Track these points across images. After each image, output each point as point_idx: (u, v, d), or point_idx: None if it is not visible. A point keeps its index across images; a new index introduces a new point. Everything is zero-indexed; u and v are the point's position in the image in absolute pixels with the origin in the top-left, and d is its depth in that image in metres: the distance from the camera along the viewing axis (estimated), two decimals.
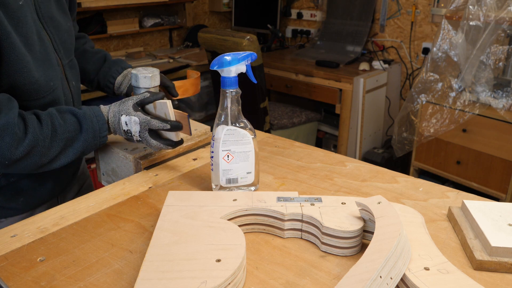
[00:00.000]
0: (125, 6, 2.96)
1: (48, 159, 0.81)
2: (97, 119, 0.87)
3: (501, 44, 2.13)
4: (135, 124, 0.87)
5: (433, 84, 2.34)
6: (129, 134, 0.89)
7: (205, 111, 3.26)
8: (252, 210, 0.73)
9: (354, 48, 3.10)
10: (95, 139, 0.86)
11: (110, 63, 1.11)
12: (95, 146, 0.88)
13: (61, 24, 0.94)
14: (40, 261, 0.67)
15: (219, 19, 3.86)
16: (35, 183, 0.93)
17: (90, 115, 0.86)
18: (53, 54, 0.90)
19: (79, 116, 0.85)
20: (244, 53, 0.78)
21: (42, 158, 0.80)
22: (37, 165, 0.81)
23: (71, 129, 0.83)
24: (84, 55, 1.13)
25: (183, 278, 0.55)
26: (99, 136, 0.87)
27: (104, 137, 0.88)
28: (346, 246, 0.67)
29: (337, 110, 2.81)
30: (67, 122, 0.83)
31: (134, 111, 0.87)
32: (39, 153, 0.79)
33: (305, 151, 1.06)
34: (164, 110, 0.89)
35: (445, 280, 0.56)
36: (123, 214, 0.80)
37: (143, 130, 0.87)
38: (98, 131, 0.87)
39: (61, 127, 0.82)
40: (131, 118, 0.87)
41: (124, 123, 0.88)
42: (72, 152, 0.85)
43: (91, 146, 0.87)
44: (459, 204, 0.82)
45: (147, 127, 0.87)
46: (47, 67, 0.87)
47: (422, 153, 2.46)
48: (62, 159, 0.84)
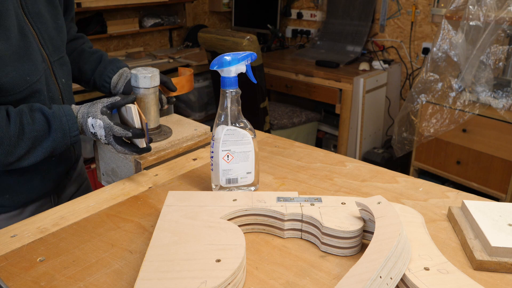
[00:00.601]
0: (125, 6, 2.96)
1: (15, 157, 0.81)
2: (66, 119, 0.86)
3: (501, 44, 2.13)
4: (100, 128, 0.87)
5: (433, 84, 2.34)
6: (96, 137, 0.89)
7: (205, 111, 3.26)
8: (252, 210, 0.73)
9: (354, 48, 3.10)
10: (65, 138, 0.86)
11: (105, 62, 1.11)
12: (66, 146, 0.87)
13: (49, 21, 0.94)
14: (40, 261, 0.67)
15: (219, 19, 3.86)
16: (21, 179, 0.92)
17: (59, 114, 0.85)
18: (36, 50, 0.89)
19: (48, 115, 0.84)
20: (244, 53, 0.78)
21: (8, 156, 0.80)
22: (2, 163, 0.81)
23: (39, 128, 0.83)
24: (82, 55, 1.13)
25: (183, 278, 0.55)
26: (69, 136, 0.86)
27: (75, 136, 0.87)
28: (346, 246, 0.67)
29: (337, 110, 2.81)
30: (36, 121, 0.83)
31: (101, 114, 0.87)
32: (4, 151, 0.79)
33: (305, 151, 1.06)
34: (130, 115, 0.89)
35: (445, 280, 0.56)
36: (123, 214, 0.80)
37: (108, 135, 0.87)
38: (68, 131, 0.86)
39: (28, 126, 0.81)
40: (96, 121, 0.87)
41: (90, 125, 0.87)
42: (41, 151, 0.84)
43: (61, 145, 0.86)
44: (459, 204, 0.82)
45: (111, 133, 0.87)
46: (25, 61, 0.86)
47: (422, 153, 2.46)
48: (31, 158, 0.84)
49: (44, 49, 0.92)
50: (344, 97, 2.74)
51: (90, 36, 2.89)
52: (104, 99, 0.90)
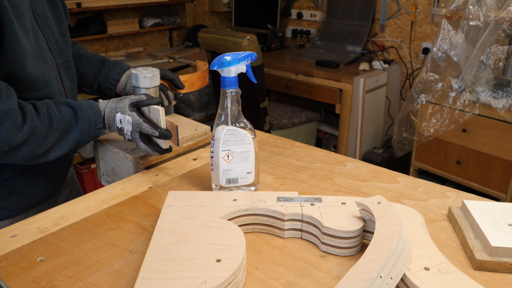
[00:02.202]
0: (125, 6, 2.96)
1: (44, 149, 0.82)
2: (92, 111, 0.87)
3: (501, 44, 2.13)
4: (128, 124, 0.88)
5: (433, 84, 2.34)
6: (122, 132, 0.90)
7: (205, 111, 3.26)
8: (252, 210, 0.73)
9: (354, 48, 3.10)
10: (90, 130, 0.87)
11: (110, 64, 1.11)
12: (90, 138, 0.88)
13: (54, 25, 0.95)
14: (40, 261, 0.67)
15: (219, 19, 3.86)
16: (28, 182, 0.93)
17: (85, 107, 0.87)
18: (47, 52, 0.91)
19: (75, 107, 0.86)
20: (244, 53, 0.78)
21: (38, 147, 0.80)
22: (33, 155, 0.81)
23: (67, 119, 0.84)
24: (80, 59, 1.12)
25: (183, 278, 0.55)
26: (94, 128, 0.87)
27: (99, 129, 0.89)
28: (346, 246, 0.67)
29: (337, 110, 2.81)
30: (63, 113, 0.84)
31: (130, 110, 0.88)
32: (36, 142, 0.79)
33: (305, 151, 1.06)
34: (156, 116, 0.90)
35: (445, 280, 0.56)
36: (123, 214, 0.80)
37: (134, 131, 0.88)
38: (93, 123, 0.87)
39: (56, 117, 0.82)
40: (125, 117, 0.88)
41: (118, 120, 0.89)
42: (68, 143, 0.85)
43: (86, 137, 0.87)
44: (459, 204, 0.82)
45: (138, 129, 0.88)
46: (42, 61, 0.88)
47: (422, 153, 2.46)
48: (58, 150, 0.84)
49: (52, 52, 0.93)
50: (344, 97, 2.74)
51: (90, 36, 2.90)
52: (131, 96, 0.91)
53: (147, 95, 0.91)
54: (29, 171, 0.92)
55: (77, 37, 2.84)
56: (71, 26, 2.88)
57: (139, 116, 0.88)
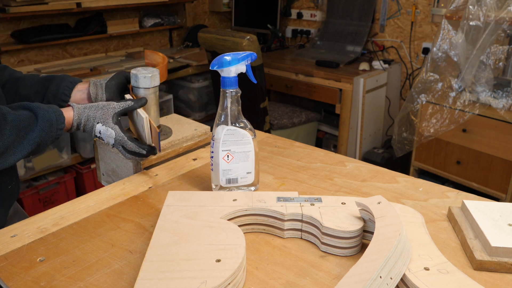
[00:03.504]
0: (125, 6, 2.95)
1: (0, 150, 0.74)
2: (52, 110, 0.81)
3: (501, 44, 2.13)
4: (110, 138, 0.85)
5: (433, 84, 2.34)
6: (101, 140, 0.87)
7: (205, 111, 3.26)
8: (252, 210, 0.73)
9: (354, 48, 3.10)
10: (52, 129, 0.81)
11: (57, 80, 0.98)
12: (51, 139, 0.82)
13: None
14: (40, 261, 0.67)
15: (219, 19, 3.86)
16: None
17: (44, 106, 0.81)
18: None
19: (32, 106, 0.79)
20: (244, 53, 0.78)
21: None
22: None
23: (23, 117, 0.77)
24: (19, 82, 1.00)
25: (183, 278, 0.55)
26: (56, 128, 0.81)
27: (61, 129, 0.83)
28: (346, 246, 0.67)
29: (337, 110, 2.81)
30: (18, 111, 0.77)
31: (113, 123, 0.84)
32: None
33: (305, 151, 1.06)
34: (141, 123, 0.89)
35: (445, 280, 0.56)
36: (123, 214, 0.80)
37: (116, 144, 0.86)
38: (55, 122, 0.81)
39: (10, 115, 0.75)
40: (107, 129, 0.84)
41: (98, 131, 0.85)
42: (28, 144, 0.78)
43: (48, 136, 0.81)
44: (459, 204, 0.82)
45: (121, 145, 0.86)
46: None
47: (422, 153, 2.46)
48: (17, 153, 0.77)
49: None
50: (344, 97, 2.74)
51: (90, 36, 2.89)
52: (115, 103, 0.87)
53: (133, 100, 0.89)
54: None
55: (77, 37, 2.83)
56: (71, 26, 2.88)
57: (122, 131, 0.84)
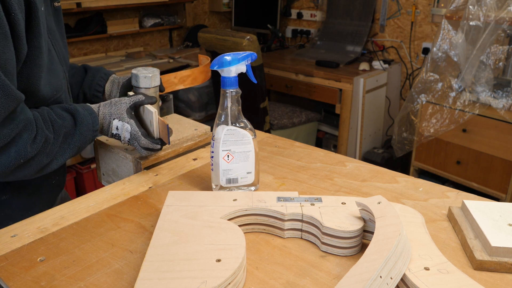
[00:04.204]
0: (125, 6, 2.96)
1: (50, 158, 0.79)
2: (88, 113, 0.84)
3: (501, 44, 2.13)
4: (127, 132, 0.86)
5: (433, 84, 2.34)
6: (117, 137, 0.88)
7: (205, 111, 3.26)
8: (252, 210, 0.73)
9: (354, 48, 3.10)
10: (89, 132, 0.84)
11: (93, 71, 1.06)
12: (89, 141, 0.85)
13: (59, 39, 0.92)
14: (40, 261, 0.67)
15: (219, 19, 3.86)
16: (24, 205, 0.88)
17: (81, 109, 0.84)
18: (59, 66, 0.88)
19: (72, 110, 0.83)
20: (244, 53, 0.78)
21: (46, 157, 0.78)
22: (40, 166, 0.78)
23: (67, 124, 0.81)
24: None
25: (183, 278, 0.55)
26: (92, 130, 0.85)
27: (96, 131, 0.86)
28: (346, 246, 0.67)
29: (337, 110, 2.81)
30: (61, 118, 0.81)
31: (128, 117, 0.86)
32: (46, 151, 0.77)
33: (305, 151, 1.06)
34: (149, 118, 0.89)
35: (445, 280, 0.56)
36: (123, 214, 0.80)
37: (132, 140, 0.87)
38: (91, 125, 0.84)
39: (57, 123, 0.80)
40: (123, 124, 0.85)
41: (115, 127, 0.86)
42: (69, 149, 0.82)
43: (86, 140, 0.84)
44: (459, 204, 0.82)
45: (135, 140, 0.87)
46: (53, 76, 0.85)
47: (422, 153, 2.46)
48: (60, 158, 0.81)
49: (62, 65, 0.91)
50: (344, 97, 2.74)
51: (90, 36, 2.90)
52: (126, 98, 0.89)
53: (145, 95, 0.90)
54: (27, 192, 0.89)
55: (77, 37, 2.83)
56: (71, 26, 2.88)
57: (137, 126, 0.86)
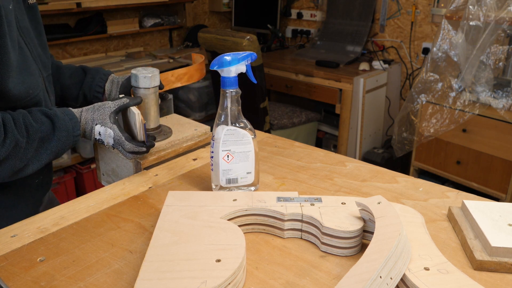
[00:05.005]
0: (125, 6, 2.95)
1: (24, 162, 0.78)
2: (69, 118, 0.83)
3: (501, 44, 2.13)
4: (109, 138, 0.85)
5: (433, 84, 2.34)
6: (100, 142, 0.87)
7: (205, 111, 3.26)
8: (252, 210, 0.73)
9: (354, 48, 3.10)
10: (68, 138, 0.83)
11: (92, 72, 1.05)
12: (68, 146, 0.84)
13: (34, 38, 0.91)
14: (40, 261, 0.67)
15: (219, 19, 3.86)
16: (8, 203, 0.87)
17: (61, 114, 0.83)
18: (33, 64, 0.86)
19: (50, 115, 0.81)
20: (244, 53, 0.78)
21: (19, 161, 0.77)
22: (13, 170, 0.77)
23: (43, 128, 0.80)
24: (60, 70, 1.06)
25: (183, 278, 0.55)
26: (72, 135, 0.83)
27: (77, 136, 0.84)
28: (346, 246, 0.67)
29: (337, 110, 2.81)
30: (39, 122, 0.79)
31: (111, 122, 0.85)
32: (17, 155, 0.76)
33: (305, 151, 1.06)
34: (133, 119, 0.89)
35: (445, 280, 0.56)
36: (123, 214, 0.80)
37: (116, 145, 0.87)
38: (71, 130, 0.83)
39: (32, 127, 0.78)
40: (106, 130, 0.85)
41: (97, 133, 0.85)
42: (46, 154, 0.81)
43: (64, 146, 0.83)
44: (459, 204, 0.82)
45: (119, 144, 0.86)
46: (26, 75, 0.83)
47: (422, 153, 2.46)
48: (36, 162, 0.80)
49: (37, 64, 0.89)
50: (344, 97, 2.74)
51: (90, 36, 2.90)
52: (110, 102, 0.88)
53: (128, 98, 0.89)
54: (10, 190, 0.87)
55: (77, 37, 2.83)
56: (71, 26, 2.88)
57: (121, 131, 0.85)
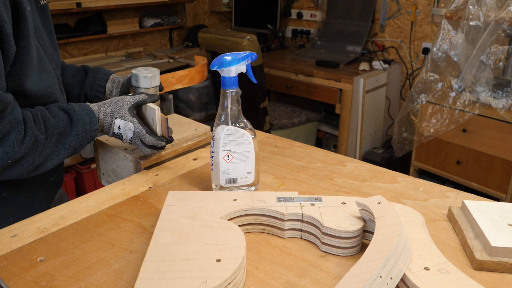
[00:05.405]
0: (125, 6, 2.95)
1: (43, 158, 0.79)
2: (86, 113, 0.84)
3: (501, 44, 2.13)
4: (129, 131, 0.86)
5: (433, 84, 2.34)
6: (119, 136, 0.88)
7: (205, 111, 3.26)
8: (252, 210, 0.73)
9: (354, 48, 3.10)
10: (86, 133, 0.84)
11: (93, 72, 1.07)
12: (86, 142, 0.85)
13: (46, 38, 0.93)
14: (40, 261, 0.67)
15: (219, 19, 3.86)
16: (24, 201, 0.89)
17: (78, 109, 0.84)
18: (48, 64, 0.88)
19: (68, 110, 0.83)
20: (244, 53, 0.78)
21: (37, 157, 0.78)
22: (32, 166, 0.78)
23: (61, 124, 0.81)
24: (63, 70, 1.07)
25: (183, 278, 0.55)
26: (90, 130, 0.84)
27: (95, 131, 0.85)
28: (346, 246, 0.67)
29: (337, 110, 2.81)
30: (56, 117, 0.81)
31: (131, 116, 0.86)
32: (37, 151, 0.77)
33: (305, 151, 1.06)
34: (152, 115, 0.90)
35: (445, 280, 0.56)
36: (123, 214, 0.80)
37: (135, 138, 0.87)
38: (88, 125, 0.84)
39: (50, 123, 0.79)
40: (126, 123, 0.85)
41: (117, 126, 0.86)
42: (64, 149, 0.82)
43: (82, 141, 0.84)
44: (459, 204, 0.82)
45: (139, 138, 0.87)
46: (44, 74, 0.85)
47: (422, 153, 2.46)
48: (54, 158, 0.81)
49: (51, 63, 0.91)
50: (344, 97, 2.74)
51: (90, 36, 2.90)
52: (128, 97, 0.88)
53: (147, 94, 0.90)
54: (24, 191, 0.89)
55: (77, 37, 2.83)
56: (71, 26, 2.88)
57: (141, 124, 0.86)
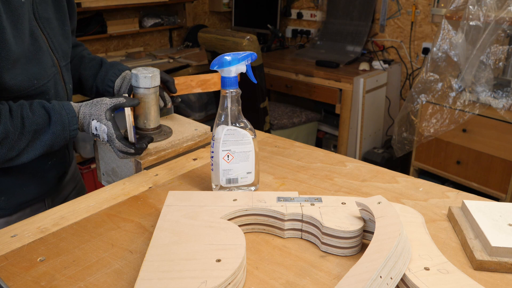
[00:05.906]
0: (125, 6, 2.96)
1: (15, 152, 0.80)
2: (66, 112, 0.85)
3: (501, 44, 2.13)
4: (104, 133, 0.87)
5: (433, 84, 2.34)
6: (97, 137, 0.89)
7: (205, 111, 3.26)
8: (252, 210, 0.73)
9: (354, 48, 3.10)
10: (64, 132, 0.85)
11: (107, 66, 1.09)
12: (64, 140, 0.86)
13: (57, 27, 0.94)
14: (40, 261, 0.67)
15: (219, 19, 3.86)
16: (16, 182, 0.92)
17: (59, 108, 0.85)
18: (47, 54, 0.89)
19: (48, 108, 0.84)
20: (244, 53, 0.78)
21: (9, 151, 0.79)
22: (4, 159, 0.79)
23: (40, 121, 0.82)
24: (82, 61, 1.11)
25: (183, 278, 0.55)
26: (68, 130, 0.85)
27: (74, 130, 0.86)
28: (346, 246, 0.67)
29: (337, 110, 2.81)
30: (36, 114, 0.82)
31: (106, 119, 0.86)
32: (8, 146, 0.78)
33: (305, 151, 1.06)
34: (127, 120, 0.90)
35: (445, 280, 0.56)
36: (123, 214, 0.80)
37: (110, 141, 0.88)
38: (67, 124, 0.85)
39: (29, 119, 0.80)
40: (101, 125, 0.86)
41: (94, 128, 0.87)
42: (40, 145, 0.83)
43: (60, 139, 0.85)
44: (459, 204, 0.82)
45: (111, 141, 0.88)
46: (33, 65, 0.86)
47: (422, 153, 2.46)
48: (30, 153, 0.82)
49: (54, 54, 0.92)
50: (344, 97, 2.74)
51: (90, 36, 2.90)
52: (107, 99, 0.89)
53: (126, 98, 0.90)
54: (15, 171, 0.90)
55: (77, 37, 2.83)
56: None
57: (114, 128, 0.86)
